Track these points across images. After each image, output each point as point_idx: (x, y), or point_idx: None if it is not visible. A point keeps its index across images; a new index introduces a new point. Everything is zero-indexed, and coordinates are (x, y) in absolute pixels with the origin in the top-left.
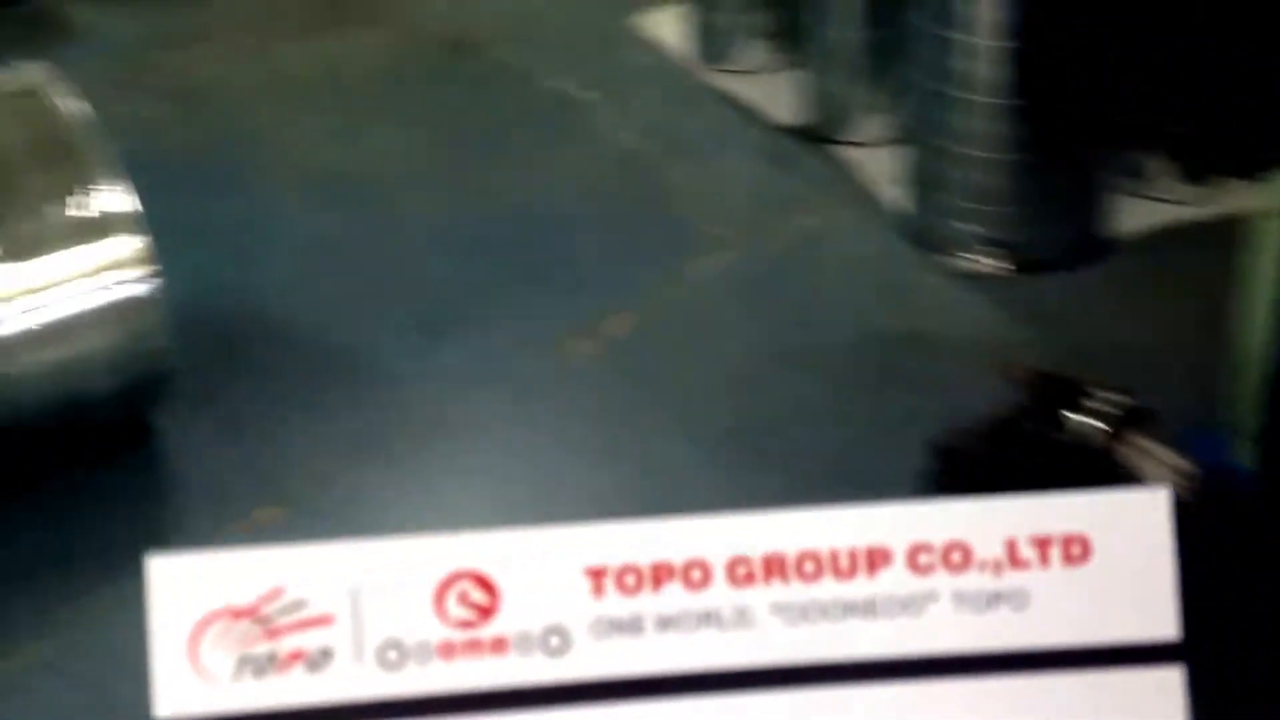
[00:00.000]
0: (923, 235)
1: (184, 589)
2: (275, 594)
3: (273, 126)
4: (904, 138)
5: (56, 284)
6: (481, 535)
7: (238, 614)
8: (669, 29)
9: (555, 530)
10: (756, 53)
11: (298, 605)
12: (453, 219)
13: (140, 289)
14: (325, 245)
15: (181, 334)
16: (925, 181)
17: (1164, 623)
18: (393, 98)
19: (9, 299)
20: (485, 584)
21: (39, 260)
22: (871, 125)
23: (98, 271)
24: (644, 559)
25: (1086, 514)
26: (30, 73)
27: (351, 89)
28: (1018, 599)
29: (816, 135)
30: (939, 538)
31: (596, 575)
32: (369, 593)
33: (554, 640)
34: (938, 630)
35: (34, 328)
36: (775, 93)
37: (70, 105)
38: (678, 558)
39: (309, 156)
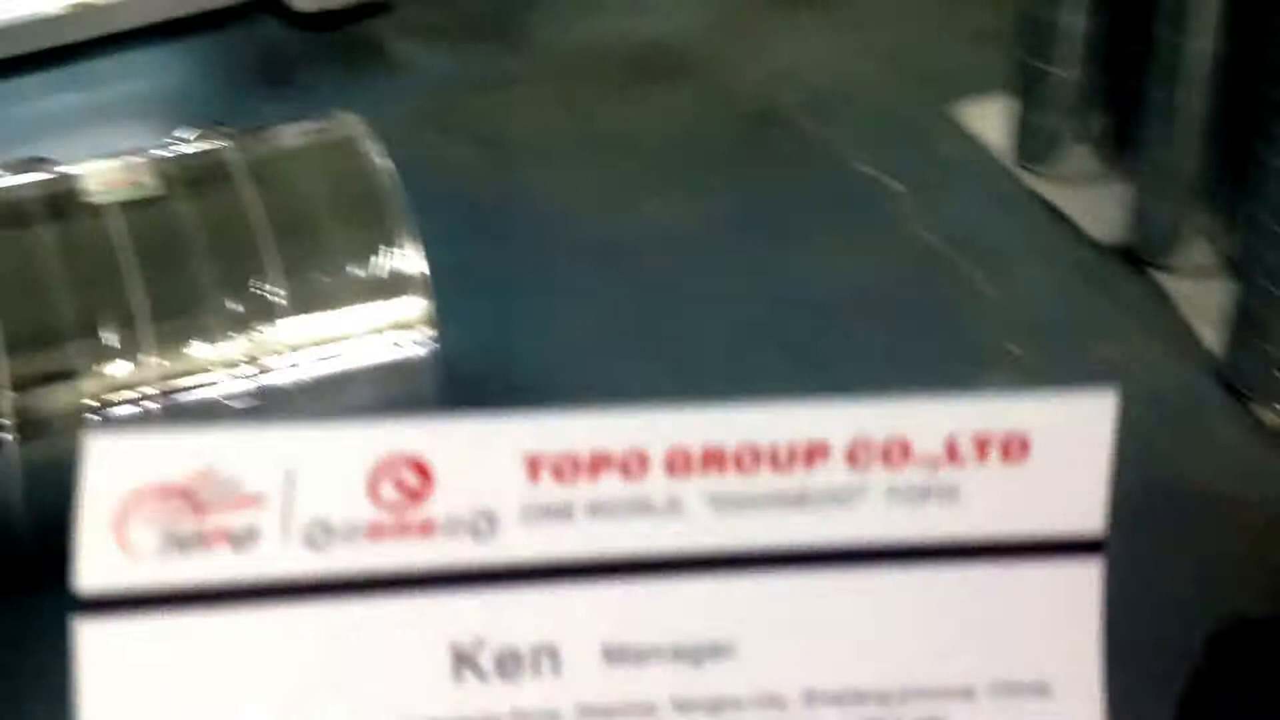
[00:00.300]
0: (1239, 382)
1: (116, 465)
2: (207, 473)
3: (567, 181)
4: (1232, 273)
5: (339, 339)
6: (422, 421)
7: (167, 491)
8: (989, 122)
9: (498, 418)
10: (1081, 159)
11: (229, 484)
12: (734, 298)
13: (420, 350)
14: (601, 312)
15: (450, 391)
16: (1249, 323)
17: (1091, 519)
18: (690, 164)
19: (292, 349)
20: (421, 468)
21: (326, 314)
22: (1198, 254)
23: (381, 330)
24: (584, 448)
25: (1031, 414)
26: (346, 124)
27: (651, 150)
28: (950, 494)
29: (1136, 257)
30: (880, 434)
31: (533, 463)
32: (303, 473)
33: (482, 524)
34: (867, 523)
35: (312, 379)
36: (1097, 205)
37: (380, 160)
38: (617, 447)
39: (598, 216)
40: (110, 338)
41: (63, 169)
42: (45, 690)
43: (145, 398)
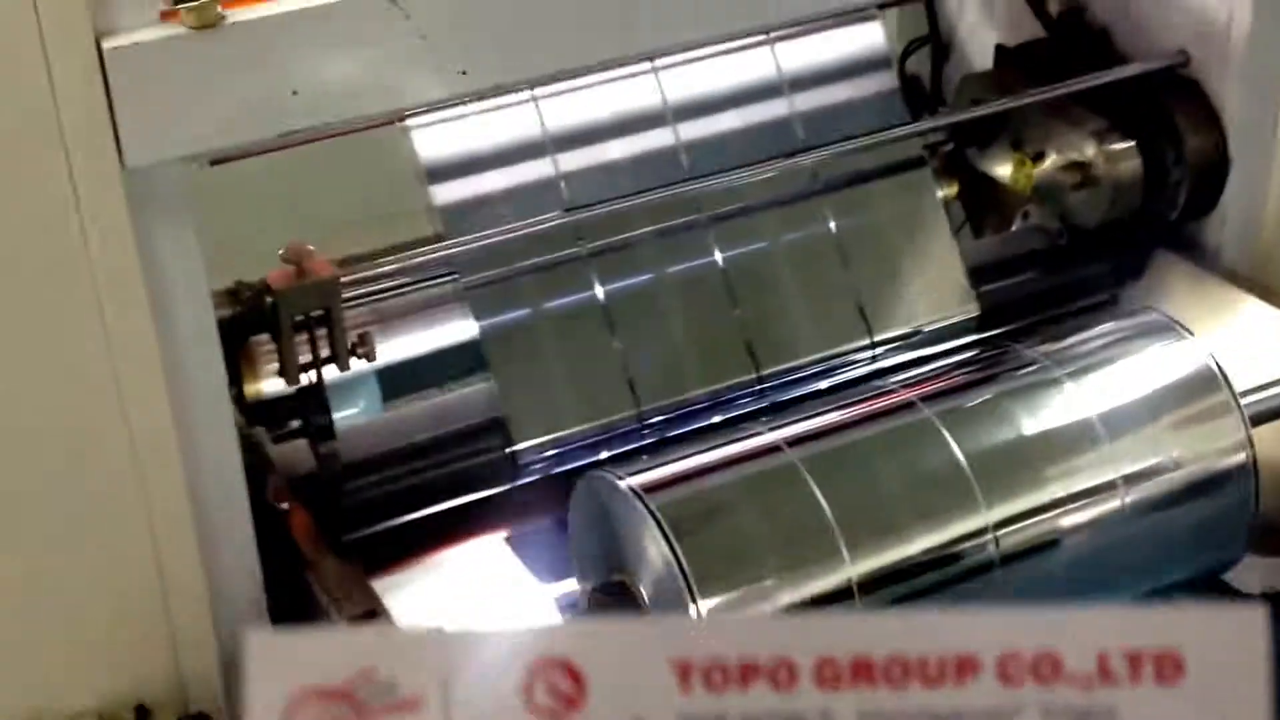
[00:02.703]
0: None
1: (280, 664)
2: (366, 674)
3: None
4: None
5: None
6: (571, 624)
7: (329, 693)
8: None
9: (647, 622)
10: None
11: (388, 688)
12: None
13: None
14: None
15: None
16: None
17: None
18: None
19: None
20: (573, 673)
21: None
22: None
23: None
24: (732, 656)
25: (1182, 629)
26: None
27: None
28: (1108, 715)
29: None
30: (1030, 648)
31: (683, 669)
32: (459, 678)
33: None
34: None
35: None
36: None
37: None
38: (765, 656)
39: None
40: None
41: None
42: None
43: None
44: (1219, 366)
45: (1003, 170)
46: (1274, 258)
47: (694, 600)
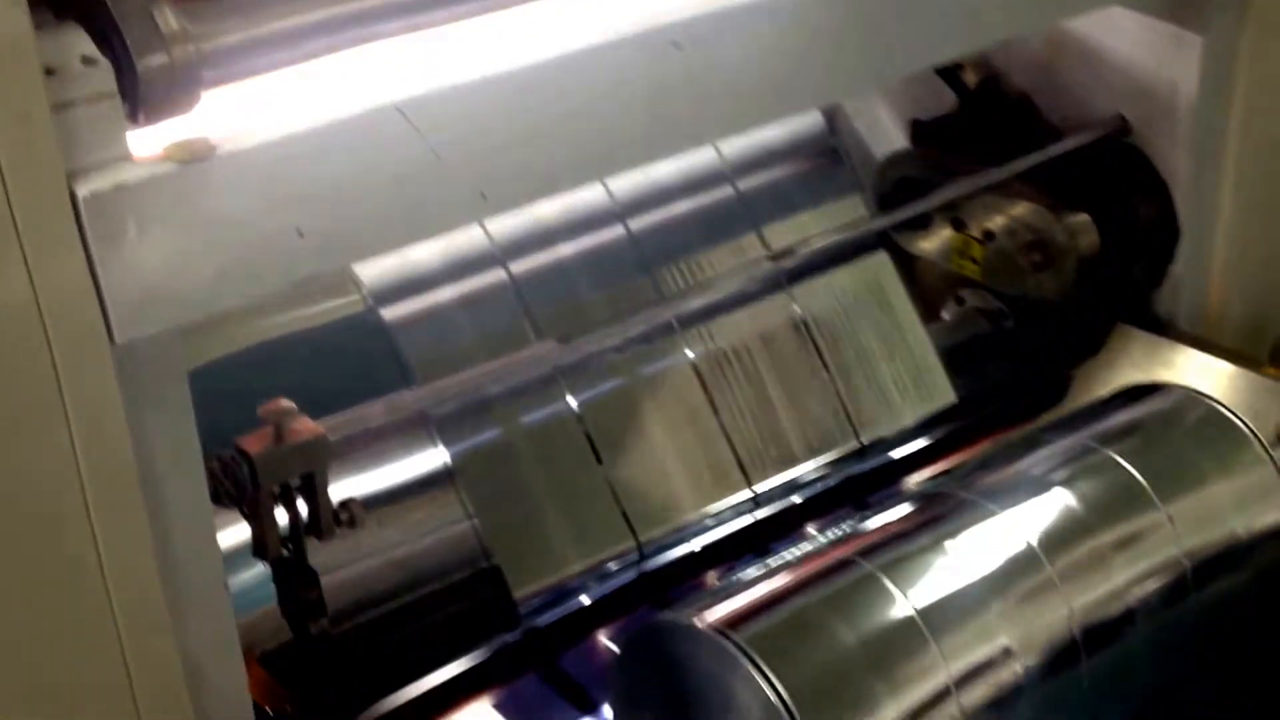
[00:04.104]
0: None
1: None
2: None
3: None
4: None
5: None
6: None
7: None
8: None
9: None
10: None
11: None
12: None
13: None
14: None
15: None
16: None
17: None
18: None
19: None
20: None
21: None
22: None
23: None
24: None
25: None
26: None
27: None
28: None
29: None
30: None
31: None
32: None
33: None
34: None
35: None
36: None
37: None
38: None
39: None
40: None
41: None
42: None
43: None
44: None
45: (939, 252)
46: (1225, 316)
47: None
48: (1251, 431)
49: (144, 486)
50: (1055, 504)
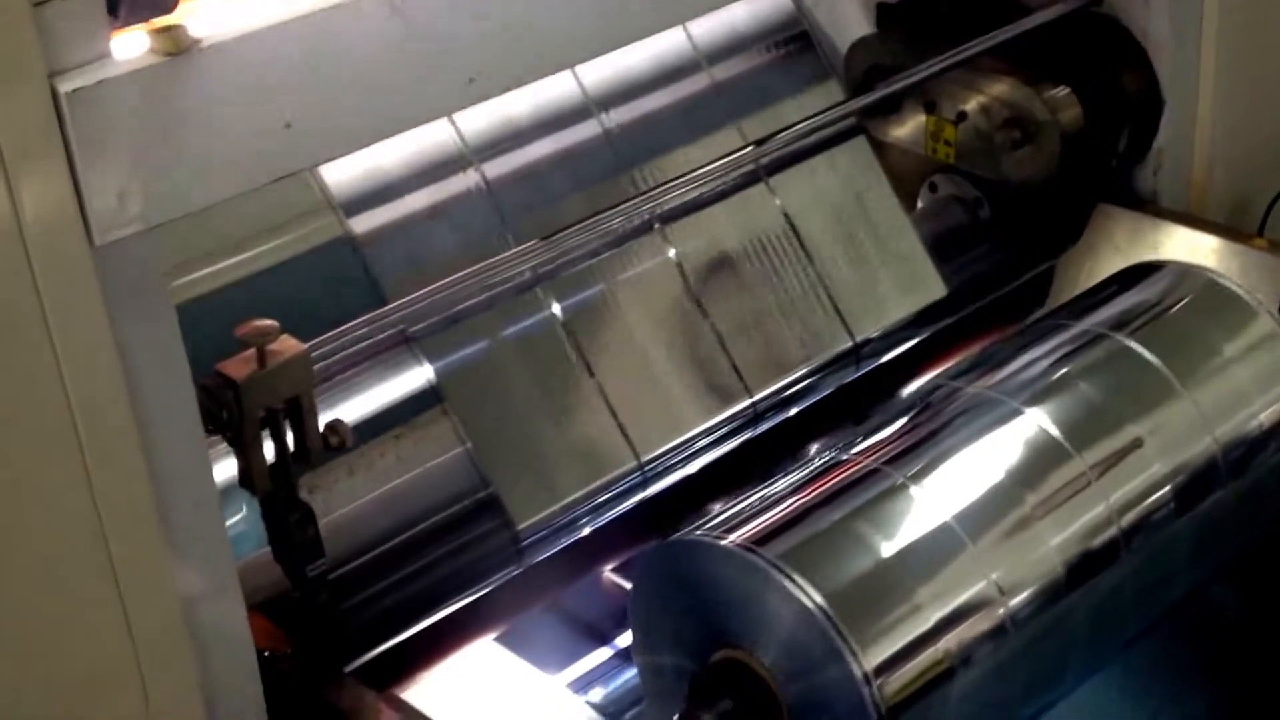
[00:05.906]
0: None
1: None
2: None
3: None
4: None
5: None
6: None
7: None
8: None
9: None
10: None
11: None
12: None
13: None
14: None
15: None
16: None
17: None
18: None
19: None
20: None
21: None
22: None
23: None
24: None
25: None
26: None
27: None
28: None
29: None
30: None
31: None
32: None
33: None
34: None
35: None
36: None
37: None
38: None
39: None
40: None
41: None
42: None
43: None
44: None
45: (911, 138)
46: (1209, 191)
47: (850, 649)
48: (1259, 303)
49: (132, 402)
50: (1075, 396)
